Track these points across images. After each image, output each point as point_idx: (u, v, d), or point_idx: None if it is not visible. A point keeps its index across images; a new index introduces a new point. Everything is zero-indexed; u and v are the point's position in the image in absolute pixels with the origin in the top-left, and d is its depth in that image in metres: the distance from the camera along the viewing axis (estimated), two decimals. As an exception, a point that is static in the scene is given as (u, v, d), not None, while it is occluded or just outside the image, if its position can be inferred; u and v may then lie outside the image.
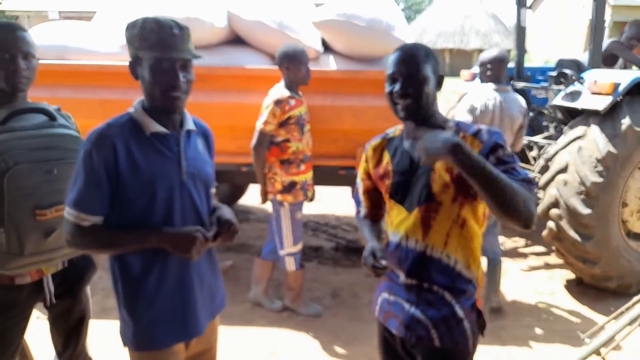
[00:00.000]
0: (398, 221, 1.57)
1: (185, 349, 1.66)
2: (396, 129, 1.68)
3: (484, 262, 3.23)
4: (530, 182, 1.40)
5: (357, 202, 1.80)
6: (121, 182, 1.48)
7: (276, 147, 3.14)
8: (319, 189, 3.56)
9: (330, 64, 3.42)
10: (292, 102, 3.07)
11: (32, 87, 1.85)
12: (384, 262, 1.44)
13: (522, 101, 3.41)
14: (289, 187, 3.18)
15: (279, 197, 3.20)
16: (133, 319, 1.57)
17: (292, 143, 3.12)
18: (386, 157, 1.63)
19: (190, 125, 1.63)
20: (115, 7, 3.91)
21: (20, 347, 1.96)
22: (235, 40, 3.49)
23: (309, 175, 3.27)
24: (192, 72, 1.55)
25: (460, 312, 1.55)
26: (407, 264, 1.56)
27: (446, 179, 1.48)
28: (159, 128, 1.53)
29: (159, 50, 1.46)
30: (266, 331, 3.25)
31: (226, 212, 1.66)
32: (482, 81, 3.54)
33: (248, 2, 3.38)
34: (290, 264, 3.36)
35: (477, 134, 1.48)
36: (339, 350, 3.06)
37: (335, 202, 5.85)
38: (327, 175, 3.58)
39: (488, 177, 1.28)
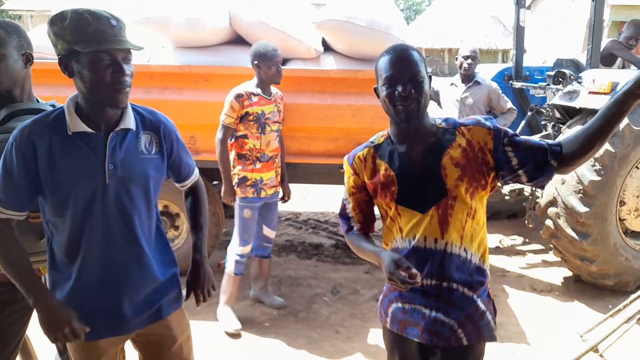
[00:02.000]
0: (411, 226, 1.54)
1: (118, 342, 1.66)
2: (379, 135, 1.64)
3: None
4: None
5: (347, 219, 1.69)
6: (40, 180, 1.45)
7: (235, 142, 3.15)
8: (320, 187, 3.58)
9: (331, 63, 3.45)
10: (255, 99, 3.06)
11: (36, 86, 1.85)
12: (416, 273, 1.35)
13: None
14: (240, 182, 3.17)
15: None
16: None
17: (249, 140, 3.11)
18: (382, 164, 1.58)
19: (127, 123, 1.53)
20: (117, 8, 3.93)
21: (23, 343, 1.97)
22: (237, 40, 3.52)
23: (266, 176, 3.19)
24: (132, 65, 1.47)
25: (482, 305, 1.56)
26: (427, 266, 1.53)
27: (458, 172, 1.49)
28: (83, 128, 1.46)
29: (100, 43, 1.37)
30: (267, 327, 3.28)
31: (201, 273, 1.67)
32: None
33: (249, 3, 3.41)
34: (230, 265, 3.27)
35: (479, 123, 1.53)
36: (340, 346, 3.09)
37: (335, 200, 5.87)
38: (327, 174, 3.61)
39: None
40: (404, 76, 1.46)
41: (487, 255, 1.62)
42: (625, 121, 3.44)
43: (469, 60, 4.22)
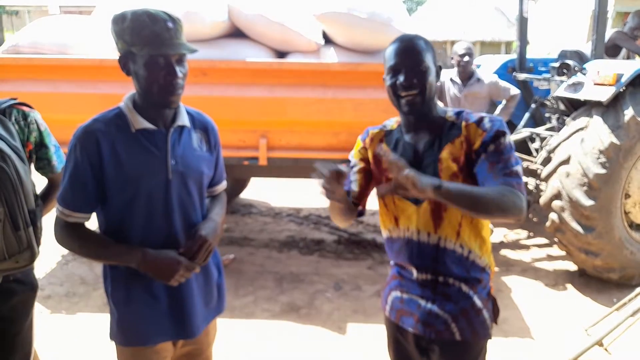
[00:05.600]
0: (405, 216, 1.53)
1: (174, 348, 1.63)
2: (393, 121, 1.64)
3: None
4: (516, 175, 1.40)
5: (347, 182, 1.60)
6: (105, 179, 1.45)
7: None
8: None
9: (331, 56, 3.40)
10: None
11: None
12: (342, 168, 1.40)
13: None
14: None
15: None
16: (119, 314, 1.55)
17: None
18: (386, 149, 1.57)
19: (182, 120, 1.55)
20: (115, 1, 3.89)
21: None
22: (236, 33, 3.47)
23: None
24: (186, 66, 1.48)
25: (478, 303, 1.54)
26: (420, 259, 1.53)
27: (454, 168, 1.46)
28: (146, 124, 1.48)
29: (155, 46, 1.38)
30: (268, 324, 3.25)
31: (205, 226, 1.57)
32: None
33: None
34: None
35: (479, 123, 1.47)
36: (343, 343, 3.06)
37: (337, 195, 5.83)
38: (329, 169, 3.58)
39: (468, 200, 1.30)
40: (407, 65, 1.44)
41: (489, 252, 1.59)
42: (630, 113, 3.40)
43: (466, 58, 4.23)
